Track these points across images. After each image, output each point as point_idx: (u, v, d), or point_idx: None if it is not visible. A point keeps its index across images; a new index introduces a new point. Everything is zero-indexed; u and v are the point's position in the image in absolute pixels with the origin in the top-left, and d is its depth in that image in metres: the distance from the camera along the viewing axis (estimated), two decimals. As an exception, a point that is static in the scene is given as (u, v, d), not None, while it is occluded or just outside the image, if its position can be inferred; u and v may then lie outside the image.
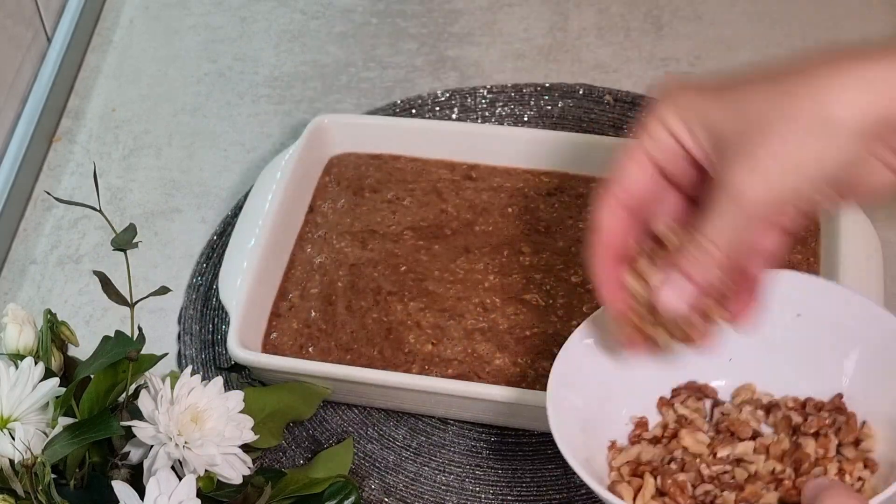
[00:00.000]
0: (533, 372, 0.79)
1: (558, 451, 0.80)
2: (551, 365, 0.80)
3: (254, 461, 0.68)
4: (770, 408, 0.66)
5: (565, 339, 0.81)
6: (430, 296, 0.84)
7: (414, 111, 1.00)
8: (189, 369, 0.66)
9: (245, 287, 0.81)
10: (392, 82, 1.04)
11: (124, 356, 0.66)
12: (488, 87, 1.01)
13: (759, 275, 0.59)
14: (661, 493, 0.62)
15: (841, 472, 0.61)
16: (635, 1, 1.09)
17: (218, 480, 0.66)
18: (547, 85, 1.01)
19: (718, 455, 0.64)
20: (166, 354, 0.71)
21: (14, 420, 0.65)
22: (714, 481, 0.62)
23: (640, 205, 0.59)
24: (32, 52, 1.01)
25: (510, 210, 0.88)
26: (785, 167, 0.53)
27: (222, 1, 1.12)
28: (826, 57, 0.54)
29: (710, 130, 0.55)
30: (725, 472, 0.63)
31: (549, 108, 1.00)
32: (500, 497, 0.78)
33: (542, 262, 0.85)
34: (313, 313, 0.84)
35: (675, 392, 0.68)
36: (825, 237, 0.85)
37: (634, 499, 0.62)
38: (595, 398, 0.66)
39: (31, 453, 0.63)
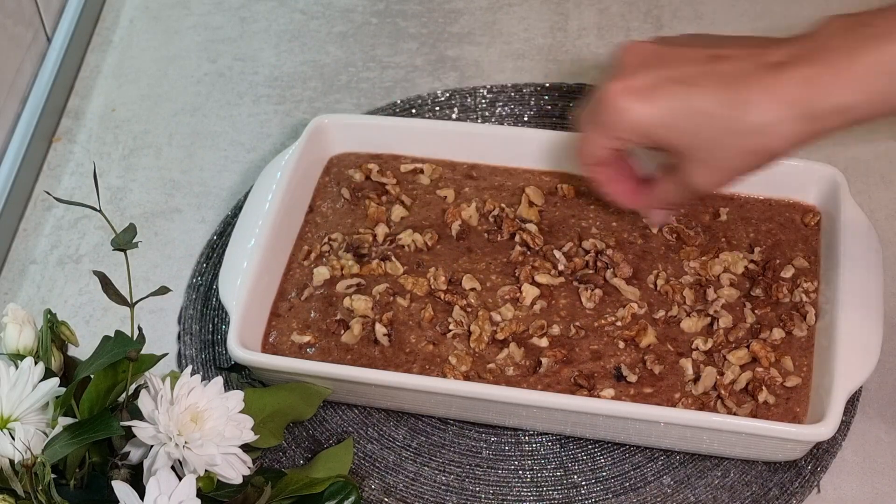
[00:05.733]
0: (534, 372, 0.79)
1: (558, 451, 0.80)
2: (552, 365, 0.80)
3: (254, 461, 0.68)
4: None
5: (567, 339, 0.81)
6: (432, 296, 0.84)
7: (414, 111, 1.00)
8: (189, 369, 0.66)
9: (245, 287, 0.81)
10: (392, 82, 1.04)
11: (124, 356, 0.66)
12: (488, 86, 1.01)
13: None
14: None
15: None
16: (635, 1, 1.09)
17: (218, 480, 0.66)
18: (547, 85, 1.01)
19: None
20: (166, 354, 0.71)
21: (14, 420, 0.65)
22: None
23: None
24: (32, 52, 1.01)
25: (511, 210, 0.88)
26: (723, 177, 0.75)
27: (222, 1, 1.12)
28: (761, 70, 0.70)
29: (661, 140, 0.74)
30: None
31: (549, 108, 1.00)
32: (500, 497, 0.78)
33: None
34: (313, 313, 0.84)
35: None
36: (825, 236, 0.85)
37: None
38: None
39: (31, 453, 0.63)
